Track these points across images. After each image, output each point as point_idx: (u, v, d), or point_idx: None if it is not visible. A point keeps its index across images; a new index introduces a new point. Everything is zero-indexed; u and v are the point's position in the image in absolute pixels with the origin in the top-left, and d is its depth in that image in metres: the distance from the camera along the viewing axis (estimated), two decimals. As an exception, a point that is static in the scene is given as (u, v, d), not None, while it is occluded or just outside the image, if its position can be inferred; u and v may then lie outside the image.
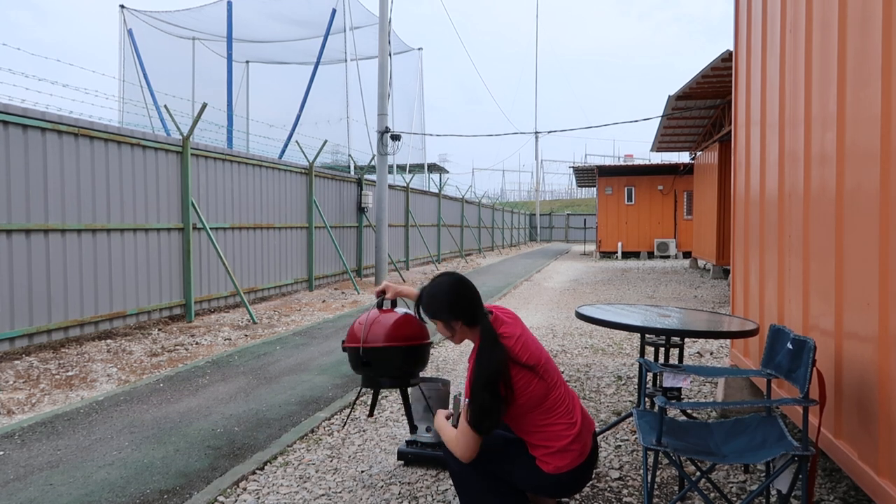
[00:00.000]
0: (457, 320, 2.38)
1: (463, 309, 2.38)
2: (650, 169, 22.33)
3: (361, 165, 14.94)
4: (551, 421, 2.33)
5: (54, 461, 3.40)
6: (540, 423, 2.33)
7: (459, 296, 2.40)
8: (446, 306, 2.38)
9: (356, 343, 2.79)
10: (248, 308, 8.23)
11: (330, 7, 16.24)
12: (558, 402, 2.35)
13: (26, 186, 5.86)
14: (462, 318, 2.38)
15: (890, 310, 2.18)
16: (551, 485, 2.35)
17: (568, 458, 2.31)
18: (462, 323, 2.38)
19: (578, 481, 2.38)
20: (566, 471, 2.31)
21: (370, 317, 2.87)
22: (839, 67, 2.61)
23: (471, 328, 2.39)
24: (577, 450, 2.33)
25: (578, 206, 55.98)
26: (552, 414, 2.33)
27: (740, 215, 4.39)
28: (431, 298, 2.44)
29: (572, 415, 2.36)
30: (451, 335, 2.43)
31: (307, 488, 3.06)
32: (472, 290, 2.42)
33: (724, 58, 9.73)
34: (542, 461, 2.34)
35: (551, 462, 2.32)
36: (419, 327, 2.88)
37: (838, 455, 2.61)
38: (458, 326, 2.39)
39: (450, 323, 2.39)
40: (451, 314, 2.38)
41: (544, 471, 2.32)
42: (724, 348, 6.30)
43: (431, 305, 2.43)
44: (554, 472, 2.32)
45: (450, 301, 2.39)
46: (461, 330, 2.40)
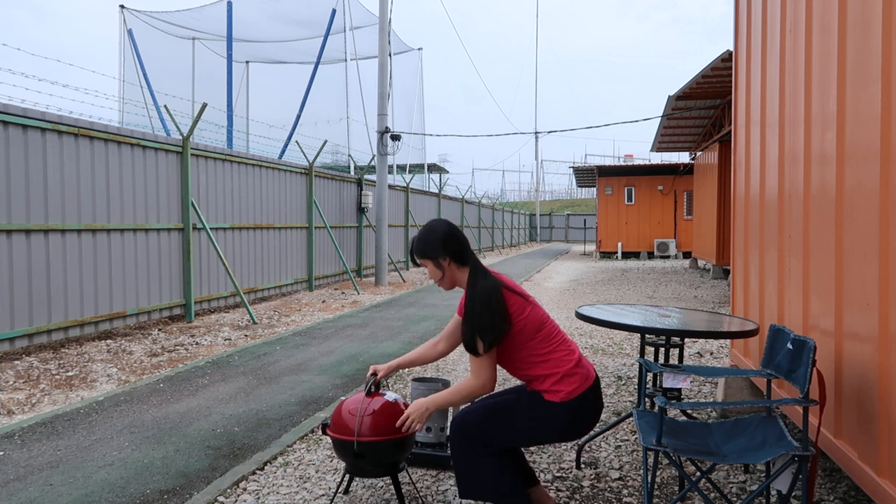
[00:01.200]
0: (447, 257, 2.50)
1: (454, 246, 2.51)
2: (650, 169, 22.33)
3: (361, 165, 14.94)
4: (551, 348, 2.42)
5: (54, 461, 3.40)
6: (542, 352, 2.42)
7: (451, 234, 2.53)
8: (440, 242, 2.50)
9: (349, 436, 2.61)
10: (248, 308, 8.23)
11: (330, 7, 16.24)
12: (554, 333, 2.46)
13: (26, 186, 5.86)
14: (452, 256, 2.51)
15: (890, 310, 2.18)
16: (564, 417, 2.37)
17: (575, 382, 2.39)
18: (451, 260, 2.51)
19: (590, 410, 2.42)
20: (576, 395, 2.37)
21: (362, 407, 2.66)
22: (839, 67, 2.61)
23: (460, 268, 2.53)
24: (581, 374, 2.41)
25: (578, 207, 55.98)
26: (551, 342, 2.43)
27: (740, 215, 4.39)
28: (425, 236, 2.54)
29: (569, 344, 2.48)
30: (440, 276, 2.54)
31: (307, 488, 3.06)
32: (463, 234, 2.56)
33: (723, 58, 9.73)
34: (550, 392, 2.38)
35: (560, 389, 2.38)
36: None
37: (838, 455, 2.61)
38: (448, 264, 2.51)
39: (440, 261, 2.51)
40: (444, 250, 2.49)
41: (555, 402, 2.37)
42: (724, 348, 6.30)
43: (425, 244, 2.53)
44: (565, 400, 2.37)
45: (443, 238, 2.51)
46: (450, 269, 2.52)
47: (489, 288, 2.41)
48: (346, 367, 5.63)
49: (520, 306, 2.42)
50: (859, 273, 2.41)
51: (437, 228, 2.55)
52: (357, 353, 6.21)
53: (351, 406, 2.69)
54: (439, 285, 2.59)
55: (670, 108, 13.07)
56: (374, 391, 2.73)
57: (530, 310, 2.43)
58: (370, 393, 2.72)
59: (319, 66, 16.16)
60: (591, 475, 3.19)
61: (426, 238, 2.55)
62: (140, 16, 17.36)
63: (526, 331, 2.41)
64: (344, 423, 2.64)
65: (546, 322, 2.47)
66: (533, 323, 2.42)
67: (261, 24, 17.17)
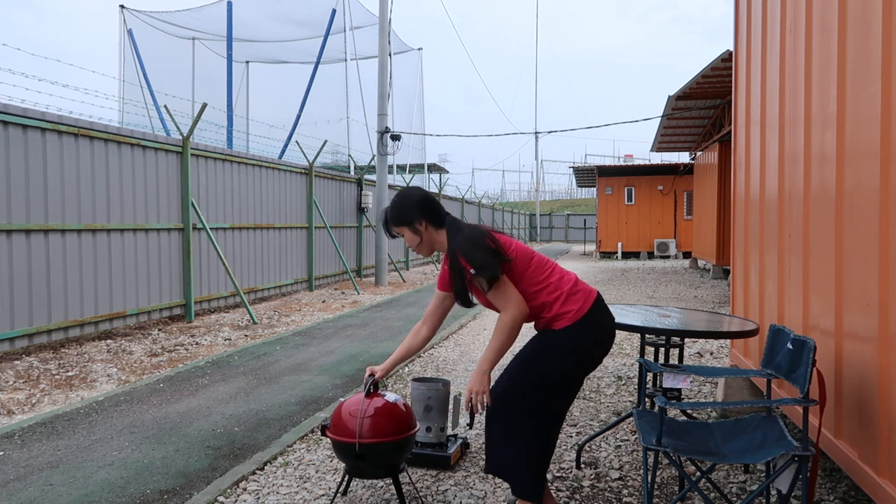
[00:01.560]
0: (423, 220, 2.53)
1: (430, 209, 2.54)
2: (650, 169, 22.33)
3: (361, 165, 14.94)
4: (548, 273, 2.50)
5: (54, 461, 3.40)
6: (541, 278, 2.48)
7: (425, 197, 2.56)
8: (415, 206, 2.52)
9: (349, 437, 2.60)
10: (248, 308, 8.23)
11: (330, 7, 16.24)
12: (545, 260, 2.54)
13: (26, 186, 5.86)
14: (428, 218, 2.53)
15: (890, 310, 2.18)
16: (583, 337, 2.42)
17: (579, 301, 2.44)
18: (428, 222, 2.53)
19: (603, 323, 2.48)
20: (584, 312, 2.43)
21: (362, 408, 2.65)
22: (839, 67, 2.61)
23: (437, 230, 2.55)
24: (583, 291, 2.49)
25: (578, 206, 55.97)
26: (545, 269, 2.51)
27: (740, 215, 4.39)
28: (400, 202, 2.56)
29: (562, 269, 2.56)
30: (418, 241, 2.56)
31: (307, 488, 3.06)
32: (435, 198, 2.60)
33: (723, 58, 9.73)
34: (560, 318, 2.43)
35: (568, 309, 2.43)
36: (408, 416, 2.74)
37: (838, 455, 2.61)
38: (425, 228, 2.54)
39: (416, 226, 2.53)
40: (420, 213, 2.52)
41: (568, 326, 2.41)
42: (724, 348, 6.30)
43: (400, 210, 2.55)
44: (575, 320, 2.41)
45: (418, 202, 2.53)
46: (428, 233, 2.55)
47: (472, 233, 2.46)
48: (346, 367, 5.63)
49: (506, 241, 2.49)
50: (859, 273, 2.41)
51: (410, 194, 2.57)
52: (357, 353, 6.21)
53: (351, 407, 2.69)
54: (418, 252, 2.60)
55: (670, 108, 13.07)
56: (373, 392, 2.73)
57: (516, 243, 2.52)
58: (370, 394, 2.72)
59: (319, 66, 16.16)
60: (591, 475, 3.19)
61: (401, 204, 2.56)
62: (140, 16, 17.36)
63: (520, 260, 2.47)
64: (344, 425, 2.64)
65: (534, 252, 2.55)
66: (523, 253, 2.49)
67: (261, 24, 17.16)
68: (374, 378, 2.74)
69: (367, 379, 2.76)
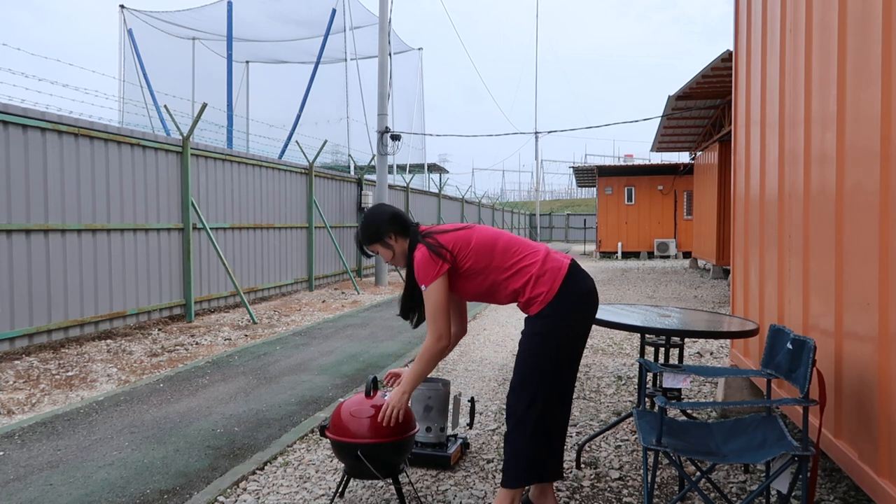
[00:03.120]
0: (393, 233, 2.66)
1: (398, 222, 2.68)
2: (650, 169, 22.33)
3: (361, 165, 14.94)
4: (516, 259, 2.56)
5: (54, 461, 3.40)
6: (508, 265, 2.56)
7: (394, 212, 2.71)
8: (387, 221, 2.67)
9: (349, 438, 2.60)
10: (248, 308, 8.23)
11: (330, 7, 16.24)
12: (514, 243, 2.60)
13: (26, 186, 5.86)
14: (396, 230, 2.67)
15: (890, 310, 2.18)
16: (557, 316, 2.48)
17: (547, 283, 2.50)
18: (395, 234, 2.67)
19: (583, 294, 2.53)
20: (556, 290, 2.49)
21: (363, 408, 2.65)
22: (839, 67, 2.61)
23: (405, 238, 2.69)
24: (551, 269, 2.53)
25: (578, 206, 55.95)
26: (512, 253, 2.57)
27: (740, 215, 4.39)
28: (371, 220, 2.70)
29: (532, 247, 2.61)
30: (392, 255, 2.70)
31: (307, 488, 3.06)
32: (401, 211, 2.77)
33: (723, 58, 9.73)
34: (532, 301, 2.51)
35: (539, 291, 2.50)
36: (408, 415, 2.73)
37: (838, 455, 2.61)
38: (394, 240, 2.67)
39: (387, 241, 2.67)
40: (391, 226, 2.66)
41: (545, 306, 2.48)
42: (724, 348, 6.30)
43: (372, 227, 2.68)
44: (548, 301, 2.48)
45: (388, 218, 2.68)
46: (399, 245, 2.68)
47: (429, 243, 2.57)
48: (346, 367, 5.63)
49: (463, 240, 2.57)
50: (859, 273, 2.41)
51: (377, 212, 2.71)
52: (357, 353, 6.21)
53: (351, 408, 2.69)
54: (393, 264, 2.75)
55: (670, 108, 13.06)
56: (373, 392, 2.73)
57: (476, 236, 2.59)
58: (369, 394, 2.72)
59: (319, 65, 16.16)
60: (591, 475, 3.19)
61: (373, 219, 2.69)
62: (140, 16, 17.36)
63: (482, 254, 2.56)
64: (344, 425, 2.64)
65: (499, 237, 2.61)
66: (483, 245, 2.57)
67: (261, 23, 17.16)
68: (376, 378, 2.77)
69: (369, 379, 2.77)
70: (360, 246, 2.75)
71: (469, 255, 2.55)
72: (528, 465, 2.51)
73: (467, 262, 2.55)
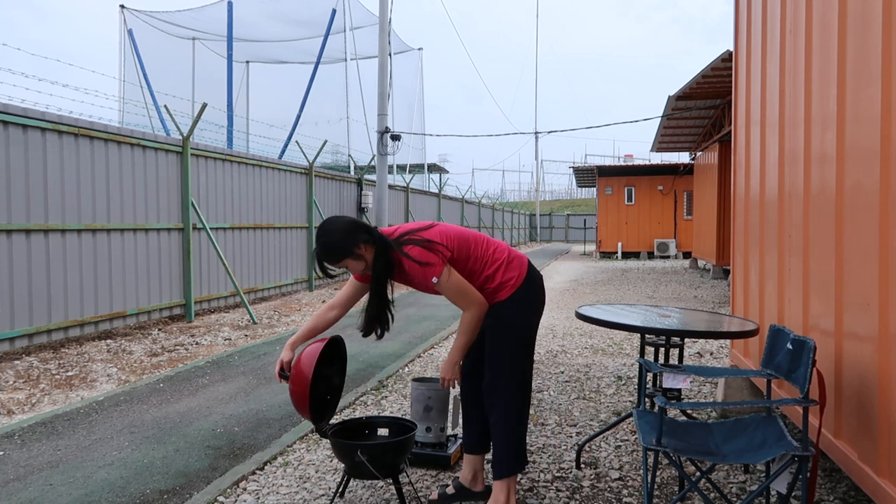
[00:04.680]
0: (361, 243, 2.52)
1: (361, 231, 2.53)
2: (650, 169, 22.32)
3: (361, 165, 14.94)
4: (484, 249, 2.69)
5: (54, 461, 3.40)
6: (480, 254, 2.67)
7: (352, 221, 2.57)
8: (353, 231, 2.52)
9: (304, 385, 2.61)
10: (248, 308, 8.23)
11: (330, 7, 16.24)
12: (480, 238, 2.73)
13: (26, 186, 5.86)
14: (364, 239, 2.53)
15: (890, 310, 2.18)
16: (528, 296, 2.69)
17: (516, 268, 2.69)
18: (363, 242, 2.53)
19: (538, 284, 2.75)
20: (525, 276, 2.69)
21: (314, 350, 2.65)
22: (839, 67, 2.61)
23: (373, 245, 2.56)
24: (517, 257, 2.74)
25: (578, 206, 55.95)
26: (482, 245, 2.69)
27: (740, 215, 4.39)
28: (333, 240, 2.50)
29: (495, 241, 2.78)
30: (364, 265, 2.56)
31: (307, 488, 3.06)
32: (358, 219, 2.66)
33: (724, 58, 9.73)
34: (503, 286, 2.66)
35: (510, 276, 2.67)
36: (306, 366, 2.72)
37: (838, 455, 2.61)
38: (364, 249, 2.53)
39: (357, 252, 2.52)
40: (359, 235, 2.52)
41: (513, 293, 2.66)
42: (724, 348, 6.30)
43: (338, 246, 2.49)
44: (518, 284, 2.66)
45: (353, 228, 2.52)
46: (369, 251, 2.55)
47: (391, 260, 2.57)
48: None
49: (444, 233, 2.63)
50: (859, 273, 2.41)
51: (334, 229, 2.52)
52: (357, 353, 6.21)
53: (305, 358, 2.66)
54: (364, 272, 2.61)
55: (670, 108, 13.06)
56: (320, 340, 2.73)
57: (451, 230, 2.67)
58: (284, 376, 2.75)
59: (319, 65, 16.15)
60: (591, 475, 3.19)
61: (329, 242, 2.50)
62: (140, 16, 17.36)
63: (462, 246, 2.63)
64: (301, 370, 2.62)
65: (466, 230, 2.73)
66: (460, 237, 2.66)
67: (261, 24, 17.16)
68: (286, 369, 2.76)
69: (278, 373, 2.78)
70: (322, 268, 2.55)
71: (453, 247, 2.62)
72: (518, 451, 2.67)
73: (453, 252, 2.63)
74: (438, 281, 2.52)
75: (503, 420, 2.65)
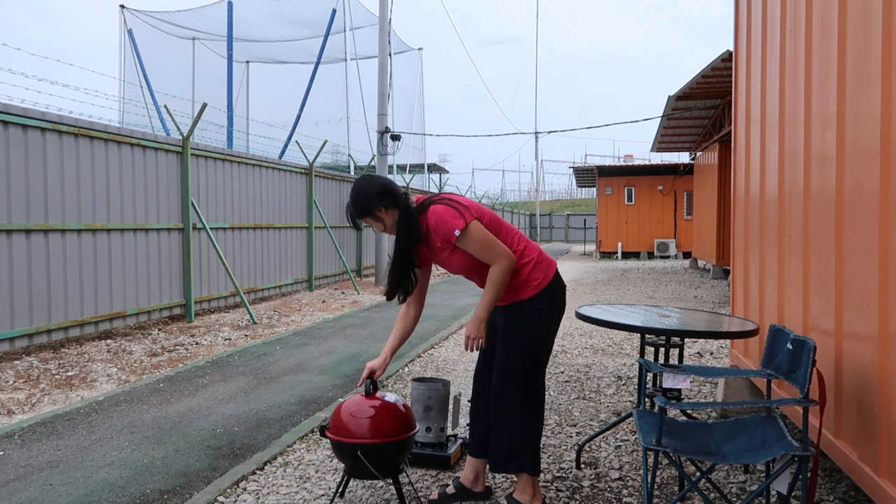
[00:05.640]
0: (382, 207, 2.64)
1: (387, 195, 2.64)
2: (650, 169, 22.32)
3: (361, 165, 14.94)
4: (516, 241, 2.71)
5: (54, 461, 3.40)
6: (513, 241, 2.70)
7: (383, 186, 2.68)
8: (375, 195, 2.63)
9: (349, 438, 2.60)
10: (248, 308, 8.23)
11: (330, 7, 16.23)
12: (513, 230, 2.75)
13: (26, 186, 5.86)
14: (386, 204, 2.64)
15: (890, 310, 2.18)
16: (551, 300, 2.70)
17: (544, 270, 2.71)
18: (385, 207, 2.64)
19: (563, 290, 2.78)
20: (550, 279, 2.71)
21: (363, 409, 2.65)
22: (839, 67, 2.61)
23: (395, 209, 2.66)
24: (545, 260, 2.76)
25: (578, 206, 55.93)
26: (513, 236, 2.72)
27: (740, 215, 4.39)
28: (359, 195, 2.66)
29: (527, 238, 2.80)
30: (383, 227, 2.70)
31: (307, 488, 3.06)
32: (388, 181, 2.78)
33: (724, 58, 9.73)
34: (528, 283, 2.67)
35: (536, 276, 2.68)
36: (408, 416, 2.74)
37: (838, 455, 2.61)
38: (385, 213, 2.65)
39: (378, 214, 2.65)
40: (380, 200, 2.63)
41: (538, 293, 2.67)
42: (724, 348, 6.30)
43: (359, 203, 2.65)
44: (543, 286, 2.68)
45: (377, 192, 2.64)
46: (389, 216, 2.66)
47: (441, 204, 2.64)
48: (345, 367, 5.63)
49: (478, 206, 2.68)
50: (859, 273, 2.41)
51: (367, 185, 2.66)
52: (357, 353, 6.21)
53: (351, 408, 2.68)
54: (385, 232, 2.75)
55: (670, 108, 13.06)
56: (372, 392, 2.73)
57: (486, 210, 2.71)
58: (369, 394, 2.72)
59: (319, 65, 16.15)
60: (591, 475, 3.19)
61: (358, 198, 2.66)
62: (140, 16, 17.35)
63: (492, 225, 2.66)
64: (344, 426, 2.64)
65: (503, 221, 2.74)
66: (494, 218, 2.69)
67: (261, 24, 17.15)
68: (375, 376, 2.76)
69: (366, 379, 2.76)
70: (351, 220, 2.72)
71: (485, 223, 2.63)
72: (536, 447, 2.69)
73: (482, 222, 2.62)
74: (461, 233, 2.53)
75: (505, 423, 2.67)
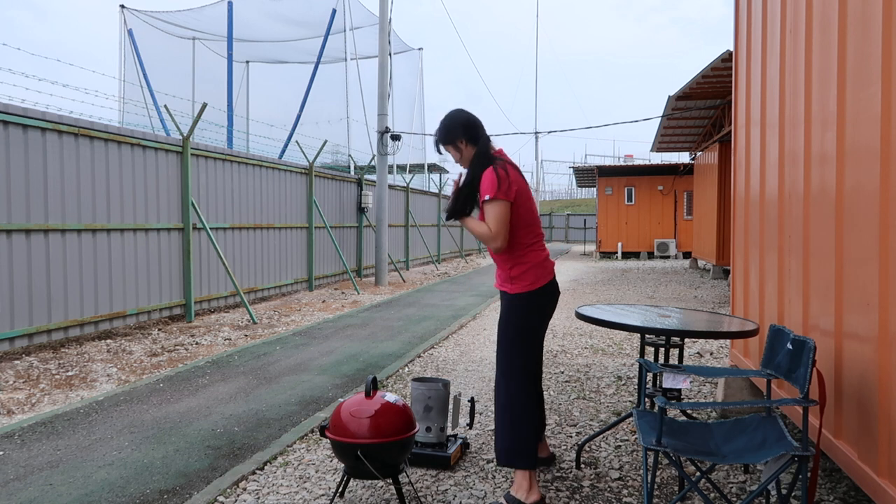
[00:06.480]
0: (464, 139, 2.94)
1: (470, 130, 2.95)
2: (650, 169, 22.32)
3: (361, 165, 14.94)
4: (533, 238, 2.89)
5: (54, 461, 3.40)
6: (527, 241, 2.88)
7: (467, 120, 2.97)
8: (460, 126, 2.95)
9: (351, 438, 2.60)
10: (248, 308, 8.23)
11: (330, 7, 16.24)
12: (533, 230, 2.90)
13: (26, 186, 5.86)
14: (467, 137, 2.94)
15: (890, 310, 2.18)
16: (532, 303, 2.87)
17: (534, 276, 2.87)
18: (466, 140, 2.95)
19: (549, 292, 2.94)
20: (539, 286, 2.87)
21: (363, 409, 2.67)
22: (839, 67, 2.61)
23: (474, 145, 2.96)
24: (547, 269, 2.93)
25: (578, 206, 55.93)
26: (532, 229, 2.89)
27: (740, 215, 4.39)
28: (447, 123, 2.97)
29: (543, 243, 2.97)
30: (459, 157, 2.99)
31: (307, 488, 3.06)
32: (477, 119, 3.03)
33: (723, 58, 9.73)
34: (517, 280, 2.86)
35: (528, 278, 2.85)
36: (408, 416, 2.75)
37: (838, 455, 2.61)
38: (465, 145, 2.96)
39: (458, 145, 2.96)
40: (464, 133, 2.94)
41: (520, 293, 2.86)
42: (724, 348, 6.30)
43: (445, 131, 2.97)
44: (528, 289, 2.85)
45: (462, 124, 2.96)
46: (468, 150, 2.96)
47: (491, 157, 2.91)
48: (345, 367, 5.63)
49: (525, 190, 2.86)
50: (859, 273, 2.41)
51: (454, 117, 2.97)
52: (357, 353, 6.21)
53: (351, 408, 2.69)
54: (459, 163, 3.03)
55: (670, 108, 13.06)
56: (373, 392, 2.73)
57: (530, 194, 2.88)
58: (369, 394, 2.72)
59: (319, 65, 16.16)
60: (591, 475, 3.19)
61: (446, 125, 2.97)
62: (140, 16, 17.36)
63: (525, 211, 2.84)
64: (344, 426, 2.64)
65: (537, 217, 2.93)
66: (531, 208, 2.87)
67: (261, 24, 17.16)
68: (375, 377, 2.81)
69: (368, 380, 2.77)
70: (435, 145, 3.02)
71: (514, 205, 2.81)
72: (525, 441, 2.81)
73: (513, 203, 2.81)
74: (489, 199, 2.77)
75: (500, 412, 2.86)
